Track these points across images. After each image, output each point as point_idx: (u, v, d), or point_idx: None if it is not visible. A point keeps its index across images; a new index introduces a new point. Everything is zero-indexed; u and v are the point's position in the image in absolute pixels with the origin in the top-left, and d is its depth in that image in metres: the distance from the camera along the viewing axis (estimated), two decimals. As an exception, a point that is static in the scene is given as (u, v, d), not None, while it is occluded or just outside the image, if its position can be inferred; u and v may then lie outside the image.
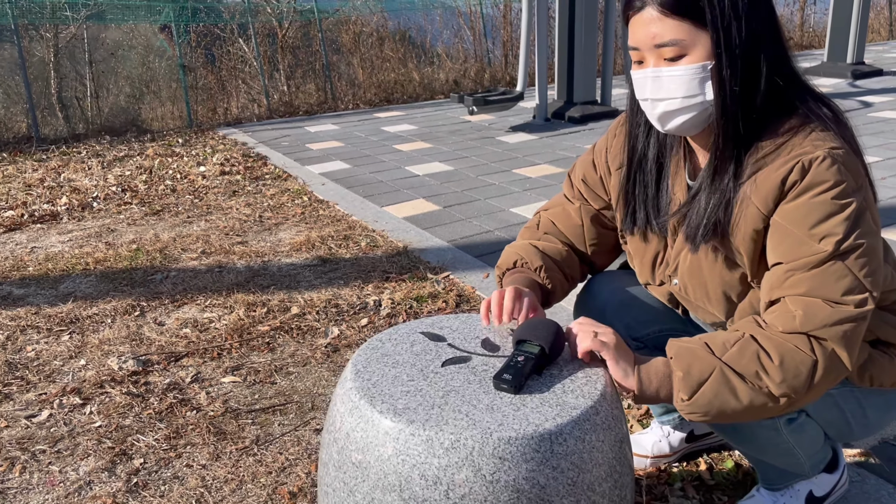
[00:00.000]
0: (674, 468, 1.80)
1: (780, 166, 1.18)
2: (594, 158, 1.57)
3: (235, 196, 4.56)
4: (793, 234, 1.17)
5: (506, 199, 4.25)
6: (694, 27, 1.18)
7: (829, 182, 1.15)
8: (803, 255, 1.16)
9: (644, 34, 1.22)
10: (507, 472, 1.10)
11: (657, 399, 1.21)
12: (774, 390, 1.13)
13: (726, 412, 1.16)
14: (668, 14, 1.18)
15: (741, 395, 1.14)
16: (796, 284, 1.16)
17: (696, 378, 1.15)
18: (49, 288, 3.15)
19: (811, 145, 1.17)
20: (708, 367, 1.15)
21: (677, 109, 1.24)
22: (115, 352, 2.54)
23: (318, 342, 2.55)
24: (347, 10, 9.55)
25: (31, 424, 2.13)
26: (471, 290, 2.93)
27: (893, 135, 5.25)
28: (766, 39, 1.21)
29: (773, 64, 1.22)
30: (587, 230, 1.56)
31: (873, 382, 1.34)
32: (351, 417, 1.21)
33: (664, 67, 1.22)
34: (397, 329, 1.45)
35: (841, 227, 1.14)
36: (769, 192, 1.19)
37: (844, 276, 1.14)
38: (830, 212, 1.15)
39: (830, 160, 1.15)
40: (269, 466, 1.89)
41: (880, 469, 1.75)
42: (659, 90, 1.23)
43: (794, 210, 1.17)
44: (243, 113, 7.97)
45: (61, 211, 4.35)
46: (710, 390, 1.15)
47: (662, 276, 1.46)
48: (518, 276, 1.50)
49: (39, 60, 8.49)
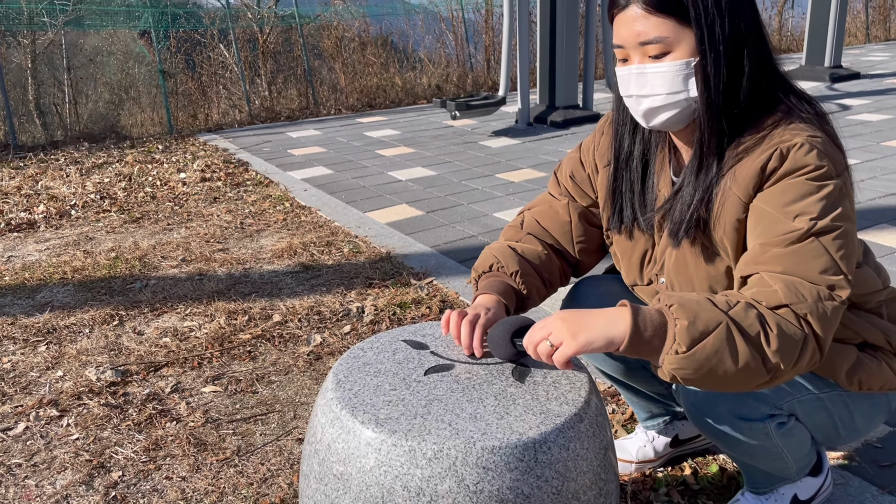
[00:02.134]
0: (659, 473, 1.79)
1: (759, 155, 1.20)
2: (581, 156, 1.57)
3: (216, 203, 4.51)
4: (769, 213, 1.18)
5: (489, 203, 4.24)
6: (678, 24, 1.20)
7: (809, 166, 1.16)
8: (779, 232, 1.16)
9: (629, 32, 1.23)
10: (490, 482, 1.09)
11: (644, 346, 1.12)
12: (770, 357, 1.08)
13: (716, 373, 1.09)
14: (653, 12, 1.20)
15: (741, 355, 1.08)
16: (773, 261, 1.15)
17: (700, 329, 1.08)
18: (26, 297, 3.10)
19: (790, 134, 1.19)
20: (714, 320, 1.09)
21: (661, 105, 1.24)
22: (93, 362, 2.50)
23: (300, 350, 2.53)
24: (329, 15, 9.52)
25: (7, 437, 2.08)
26: (455, 296, 2.91)
27: (872, 137, 5.31)
28: (749, 37, 1.22)
29: (756, 61, 1.23)
30: (575, 226, 1.55)
31: (862, 386, 1.34)
32: (332, 428, 1.19)
33: (649, 64, 1.23)
34: (379, 337, 1.43)
35: (816, 206, 1.15)
36: (749, 180, 1.20)
37: (821, 255, 1.14)
38: (806, 191, 1.16)
39: (809, 146, 1.17)
40: (251, 477, 1.86)
41: (864, 471, 1.76)
42: (643, 86, 1.24)
43: (771, 192, 1.19)
44: (224, 119, 7.91)
45: (39, 219, 4.28)
46: (711, 345, 1.08)
47: (650, 274, 1.46)
48: (493, 280, 1.48)
49: (17, 67, 8.38)
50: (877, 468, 1.76)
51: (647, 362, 1.56)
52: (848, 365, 1.32)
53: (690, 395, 1.35)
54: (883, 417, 1.46)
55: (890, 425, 1.91)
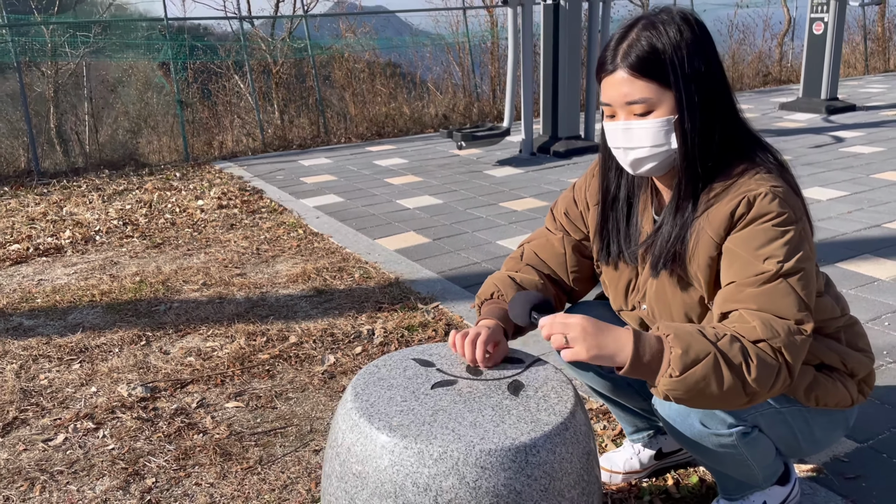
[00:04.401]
0: (644, 483, 1.97)
1: (728, 201, 1.40)
2: (575, 195, 1.77)
3: (233, 229, 4.74)
4: (741, 256, 1.37)
5: (492, 231, 4.45)
6: (659, 87, 1.39)
7: (772, 213, 1.36)
8: (751, 273, 1.35)
9: (616, 93, 1.42)
10: (487, 479, 1.28)
11: (644, 368, 1.29)
12: (750, 383, 1.27)
13: (704, 394, 1.27)
14: (637, 76, 1.39)
15: (725, 381, 1.26)
16: (748, 299, 1.34)
17: (692, 357, 1.25)
18: (58, 319, 3.31)
19: (755, 183, 1.39)
20: (704, 350, 1.26)
21: (646, 156, 1.45)
22: (123, 379, 2.69)
23: (315, 369, 2.72)
24: (340, 46, 9.82)
25: (48, 448, 2.27)
26: (459, 320, 3.11)
27: (862, 169, 5.51)
28: (719, 96, 1.43)
29: (726, 117, 1.44)
30: (569, 258, 1.75)
31: (819, 402, 1.52)
32: (351, 434, 1.38)
33: (634, 121, 1.42)
34: (391, 356, 1.62)
35: (781, 250, 1.34)
36: (720, 223, 1.40)
37: (789, 294, 1.33)
38: (772, 237, 1.35)
39: (772, 195, 1.37)
40: (273, 484, 2.04)
41: (831, 483, 1.92)
42: (630, 140, 1.44)
43: (742, 237, 1.38)
44: (238, 146, 8.17)
45: (65, 244, 4.51)
46: (700, 371, 1.25)
47: (634, 301, 1.65)
48: (493, 307, 1.67)
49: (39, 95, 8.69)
50: (843, 480, 1.93)
51: (634, 381, 1.77)
52: (806, 383, 1.50)
53: (665, 408, 1.53)
54: (842, 432, 1.64)
55: (856, 441, 2.09)
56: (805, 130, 7.25)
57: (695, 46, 1.39)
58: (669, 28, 1.39)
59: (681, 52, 1.38)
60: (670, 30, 1.39)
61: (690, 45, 1.38)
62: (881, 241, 3.82)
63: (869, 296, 3.12)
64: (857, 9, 12.33)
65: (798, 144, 6.60)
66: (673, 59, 1.37)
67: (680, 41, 1.38)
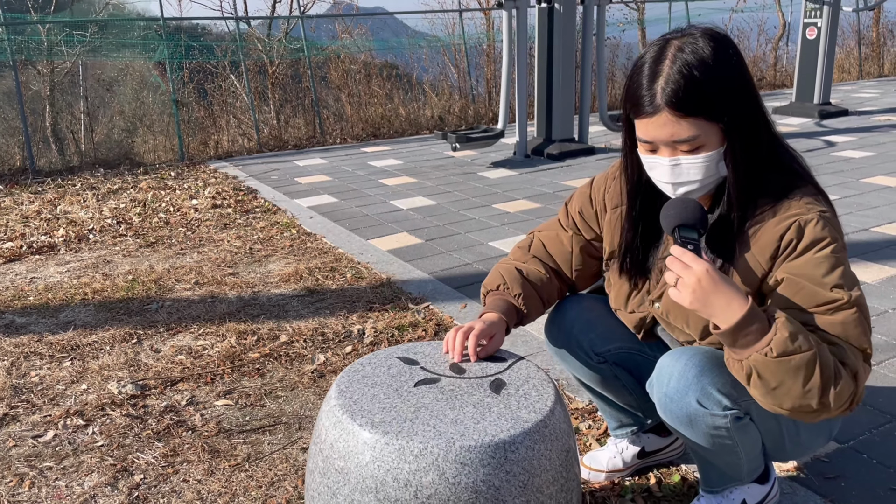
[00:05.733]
0: (626, 482, 1.99)
1: (777, 223, 1.41)
2: (592, 193, 1.78)
3: (227, 229, 4.75)
4: (805, 285, 1.37)
5: (485, 233, 4.47)
6: (707, 122, 1.36)
7: (827, 239, 1.37)
8: (820, 301, 1.36)
9: (660, 133, 1.38)
10: (467, 475, 1.30)
11: (741, 338, 1.29)
12: (829, 395, 1.29)
13: (784, 386, 1.29)
14: (683, 116, 1.35)
15: (812, 383, 1.28)
16: (826, 326, 1.35)
17: (796, 346, 1.27)
18: (50, 317, 3.32)
19: (805, 207, 1.40)
20: (808, 346, 1.28)
21: (697, 189, 1.44)
22: (114, 377, 2.71)
23: (305, 368, 2.74)
24: (336, 47, 9.85)
25: (38, 444, 2.29)
26: (449, 320, 3.13)
27: (852, 174, 5.55)
28: (758, 111, 1.43)
29: (767, 131, 1.44)
30: (575, 257, 1.80)
31: None
32: (335, 430, 1.41)
33: (682, 157, 1.39)
34: (376, 354, 1.65)
35: (844, 278, 1.36)
36: (767, 245, 1.41)
37: (861, 324, 1.36)
38: (833, 265, 1.36)
39: (823, 222, 1.38)
40: (260, 481, 2.07)
41: (811, 483, 1.95)
42: (679, 176, 1.42)
43: (801, 264, 1.38)
44: (233, 146, 8.18)
45: (59, 242, 4.52)
46: (796, 362, 1.27)
47: (634, 306, 1.70)
48: (498, 299, 1.73)
49: (35, 94, 8.69)
50: (822, 480, 1.96)
51: (622, 375, 1.80)
52: None
53: (663, 385, 1.53)
54: (825, 440, 1.67)
55: (837, 442, 2.11)
56: (797, 135, 7.30)
57: (730, 68, 1.36)
58: (700, 54, 1.34)
59: (720, 80, 1.34)
60: (703, 55, 1.34)
61: (726, 67, 1.35)
62: (868, 245, 3.86)
63: (855, 299, 3.15)
64: (852, 14, 12.40)
65: (790, 148, 6.63)
66: (714, 91, 1.34)
67: (716, 67, 1.34)
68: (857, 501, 1.88)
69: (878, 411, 2.27)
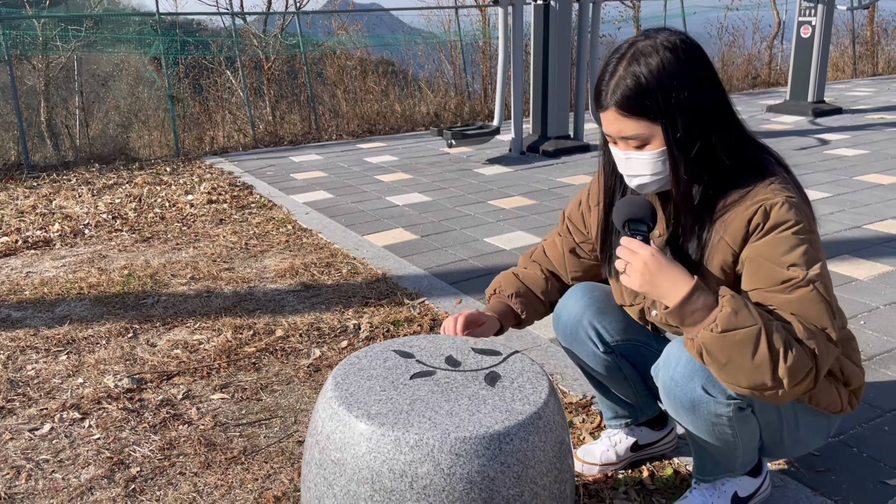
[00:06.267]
0: (619, 475, 2.01)
1: (745, 209, 1.47)
2: (582, 196, 1.87)
3: (222, 224, 4.76)
4: (766, 264, 1.43)
5: (480, 229, 4.49)
6: (650, 122, 1.45)
7: (791, 222, 1.42)
8: (778, 280, 1.41)
9: (611, 128, 1.51)
10: (461, 466, 1.32)
11: (688, 316, 1.37)
12: (781, 370, 1.33)
13: (734, 362, 1.34)
14: (627, 115, 1.46)
15: (758, 357, 1.32)
16: (782, 305, 1.40)
17: (740, 321, 1.32)
18: (45, 311, 3.33)
19: (770, 193, 1.46)
20: (752, 320, 1.33)
21: (649, 182, 1.53)
22: (110, 371, 2.72)
23: (300, 363, 2.75)
24: (332, 43, 9.84)
25: (34, 437, 2.30)
26: (444, 315, 3.14)
27: (845, 171, 5.58)
28: (715, 115, 1.48)
29: (725, 137, 1.49)
30: (567, 260, 1.87)
31: (812, 401, 1.58)
32: (331, 422, 1.42)
33: (633, 152, 1.50)
34: (372, 348, 1.66)
35: (804, 258, 1.41)
36: (737, 230, 1.47)
37: (820, 301, 1.39)
38: (794, 245, 1.42)
39: (788, 205, 1.44)
40: (256, 474, 2.08)
41: (801, 476, 1.97)
42: (631, 168, 1.52)
43: (763, 245, 1.44)
44: (229, 142, 8.18)
45: (54, 237, 4.52)
46: (740, 336, 1.32)
47: (631, 299, 1.74)
48: (496, 301, 1.85)
49: (30, 89, 8.67)
50: (813, 473, 1.98)
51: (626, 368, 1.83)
52: None
53: (670, 369, 1.55)
54: (823, 438, 1.69)
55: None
56: (791, 132, 7.33)
57: (680, 75, 1.42)
58: (652, 60, 1.42)
59: (665, 86, 1.41)
60: (653, 63, 1.42)
61: (675, 76, 1.42)
62: (861, 242, 3.89)
63: (847, 295, 3.18)
64: (846, 12, 12.44)
65: (784, 146, 6.67)
66: (657, 96, 1.42)
67: (663, 74, 1.41)
68: (848, 495, 1.90)
69: (869, 406, 2.30)
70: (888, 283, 3.31)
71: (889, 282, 3.33)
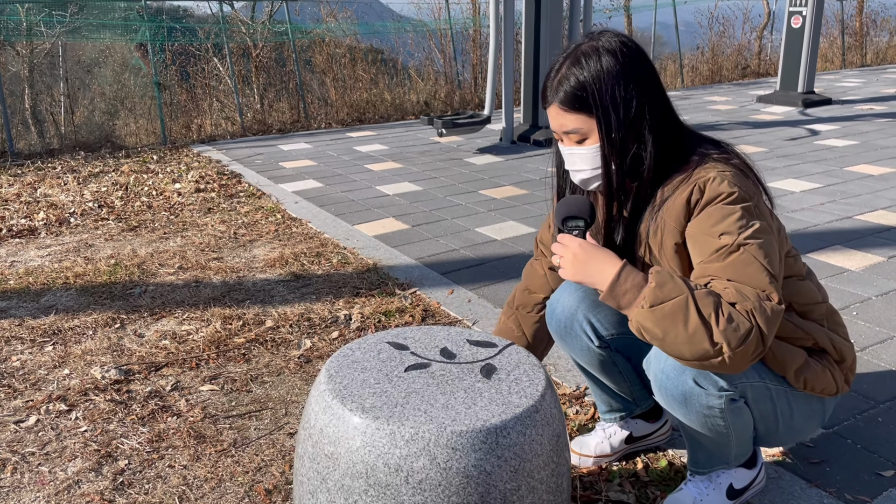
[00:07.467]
0: (614, 466, 2.00)
1: (683, 190, 1.52)
2: (549, 219, 1.93)
3: (210, 213, 4.70)
4: (701, 237, 1.48)
5: (471, 219, 4.46)
6: (587, 118, 1.54)
7: (724, 193, 1.47)
8: (712, 249, 1.45)
9: (554, 124, 1.59)
10: (458, 460, 1.29)
11: (622, 297, 1.41)
12: (716, 334, 1.33)
13: (670, 334, 1.35)
14: (567, 110, 1.54)
15: (690, 324, 1.33)
16: (716, 272, 1.43)
17: (665, 293, 1.36)
18: (31, 301, 3.27)
19: (704, 171, 1.51)
20: (678, 291, 1.36)
21: (589, 178, 1.61)
22: (97, 362, 2.68)
23: (291, 353, 2.72)
24: (321, 31, 9.74)
25: (20, 429, 2.26)
26: (436, 306, 3.12)
27: (835, 162, 5.59)
28: (650, 114, 1.54)
29: (660, 131, 1.55)
30: (549, 277, 1.93)
31: (806, 386, 1.59)
32: (324, 415, 1.39)
33: (574, 147, 1.58)
34: (366, 339, 1.63)
35: (736, 224, 1.44)
36: (679, 211, 1.52)
37: (751, 263, 1.41)
38: (725, 214, 1.46)
39: (720, 178, 1.48)
40: (246, 466, 2.05)
41: (796, 467, 1.97)
42: (574, 164, 1.60)
43: (699, 220, 1.49)
44: (217, 130, 8.09)
45: (39, 226, 4.45)
46: (669, 308, 1.35)
47: None
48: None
49: (14, 75, 8.52)
50: (807, 464, 1.98)
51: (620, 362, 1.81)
52: (797, 365, 1.58)
53: (661, 362, 1.56)
54: (818, 424, 1.69)
55: (822, 427, 2.13)
56: (781, 123, 7.33)
57: (617, 76, 1.51)
58: (591, 61, 1.52)
59: (601, 85, 1.50)
60: (592, 63, 1.52)
61: (612, 74, 1.50)
62: (851, 233, 3.89)
63: (838, 286, 3.18)
64: (836, 3, 12.46)
65: (774, 137, 6.67)
66: (594, 93, 1.51)
67: (601, 73, 1.51)
68: (842, 486, 1.90)
69: (863, 397, 2.30)
70: (880, 274, 3.31)
71: (881, 272, 3.33)
